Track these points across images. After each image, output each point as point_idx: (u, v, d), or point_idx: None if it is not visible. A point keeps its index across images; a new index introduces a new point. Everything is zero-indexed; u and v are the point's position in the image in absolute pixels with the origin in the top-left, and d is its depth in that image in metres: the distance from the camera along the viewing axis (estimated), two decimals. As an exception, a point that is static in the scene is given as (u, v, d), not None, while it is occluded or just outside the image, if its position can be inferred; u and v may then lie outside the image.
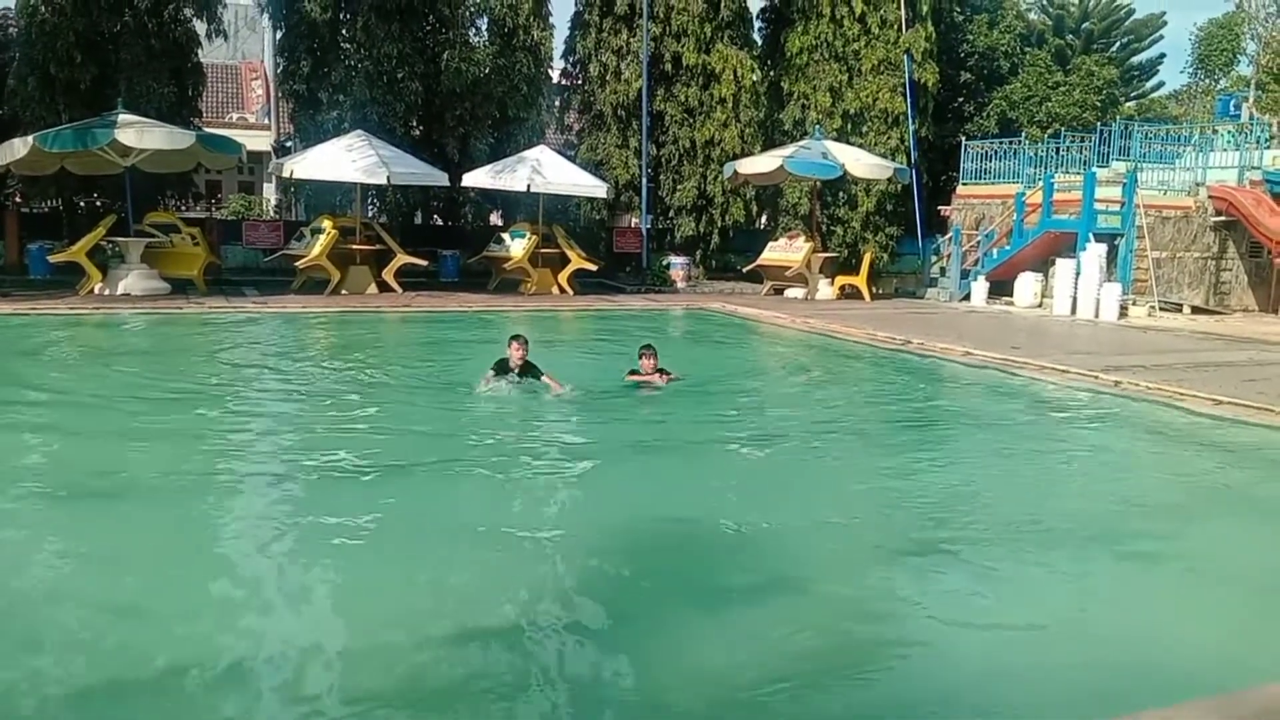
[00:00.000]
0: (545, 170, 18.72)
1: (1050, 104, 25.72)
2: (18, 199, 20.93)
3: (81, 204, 20.23)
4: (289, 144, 22.40)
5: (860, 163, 19.51)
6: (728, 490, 6.62)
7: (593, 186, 19.66)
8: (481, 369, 8.88)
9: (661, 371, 9.24)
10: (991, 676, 3.99)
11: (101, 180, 18.63)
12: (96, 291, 15.98)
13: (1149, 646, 4.30)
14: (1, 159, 15.78)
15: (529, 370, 8.66)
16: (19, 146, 15.33)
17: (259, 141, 29.59)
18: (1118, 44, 36.86)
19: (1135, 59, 38.05)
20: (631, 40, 22.36)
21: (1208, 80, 37.95)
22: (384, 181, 17.74)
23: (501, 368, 8.63)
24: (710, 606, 4.53)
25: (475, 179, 19.21)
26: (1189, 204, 19.70)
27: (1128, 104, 33.18)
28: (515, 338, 8.73)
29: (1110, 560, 5.46)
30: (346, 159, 17.49)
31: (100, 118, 16.06)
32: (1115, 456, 8.27)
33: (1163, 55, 37.39)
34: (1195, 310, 18.83)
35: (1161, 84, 39.59)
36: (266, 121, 33.30)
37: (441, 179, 18.76)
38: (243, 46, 37.88)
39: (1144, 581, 5.23)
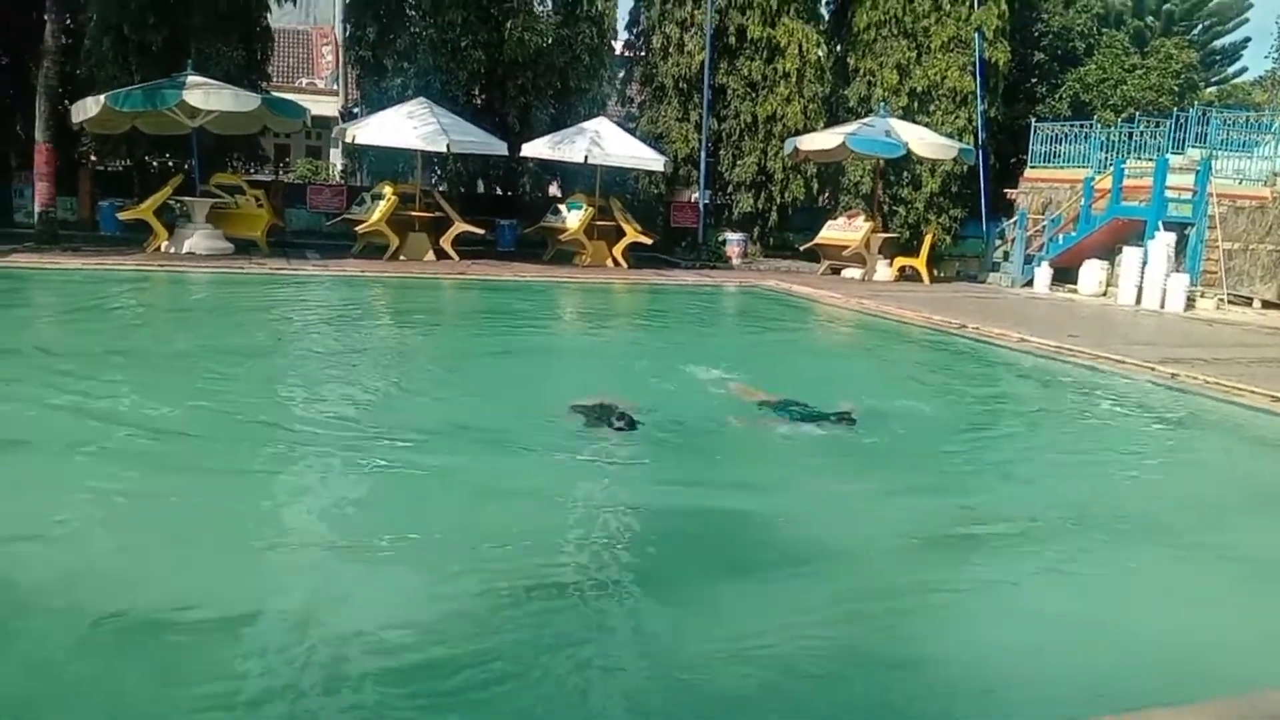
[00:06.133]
0: (604, 142, 18.68)
1: (1125, 87, 24.95)
2: (91, 157, 21.46)
3: (154, 164, 20.67)
4: (356, 110, 22.64)
5: (924, 142, 19.17)
6: (767, 470, 6.60)
7: (651, 159, 19.56)
8: (532, 340, 8.89)
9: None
10: (1023, 665, 3.96)
11: (172, 140, 19.03)
12: (162, 249, 16.39)
13: (1188, 644, 4.22)
14: (75, 117, 16.30)
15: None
16: (91, 105, 15.71)
17: (327, 107, 29.92)
18: (1199, 26, 35.66)
19: (1218, 43, 36.80)
20: (696, 12, 22.17)
21: (1294, 66, 36.53)
22: (444, 149, 17.85)
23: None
24: (741, 583, 4.55)
25: (534, 149, 19.25)
26: (1265, 194, 19.02)
27: (1207, 89, 32.09)
28: None
29: (1152, 556, 5.34)
30: (408, 125, 17.61)
31: (169, 79, 16.38)
32: (1164, 450, 8.09)
33: (1247, 39, 36.16)
34: (1266, 305, 18.23)
35: (1244, 69, 38.23)
36: (335, 87, 33.67)
37: (501, 148, 18.80)
38: (315, 11, 38.23)
39: (1185, 578, 5.12)
